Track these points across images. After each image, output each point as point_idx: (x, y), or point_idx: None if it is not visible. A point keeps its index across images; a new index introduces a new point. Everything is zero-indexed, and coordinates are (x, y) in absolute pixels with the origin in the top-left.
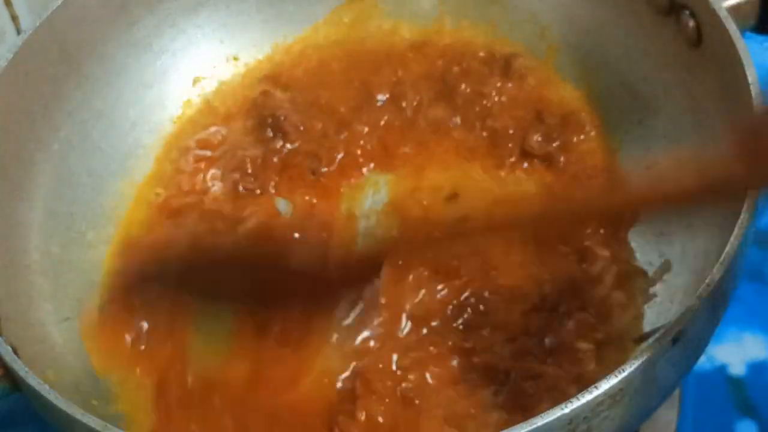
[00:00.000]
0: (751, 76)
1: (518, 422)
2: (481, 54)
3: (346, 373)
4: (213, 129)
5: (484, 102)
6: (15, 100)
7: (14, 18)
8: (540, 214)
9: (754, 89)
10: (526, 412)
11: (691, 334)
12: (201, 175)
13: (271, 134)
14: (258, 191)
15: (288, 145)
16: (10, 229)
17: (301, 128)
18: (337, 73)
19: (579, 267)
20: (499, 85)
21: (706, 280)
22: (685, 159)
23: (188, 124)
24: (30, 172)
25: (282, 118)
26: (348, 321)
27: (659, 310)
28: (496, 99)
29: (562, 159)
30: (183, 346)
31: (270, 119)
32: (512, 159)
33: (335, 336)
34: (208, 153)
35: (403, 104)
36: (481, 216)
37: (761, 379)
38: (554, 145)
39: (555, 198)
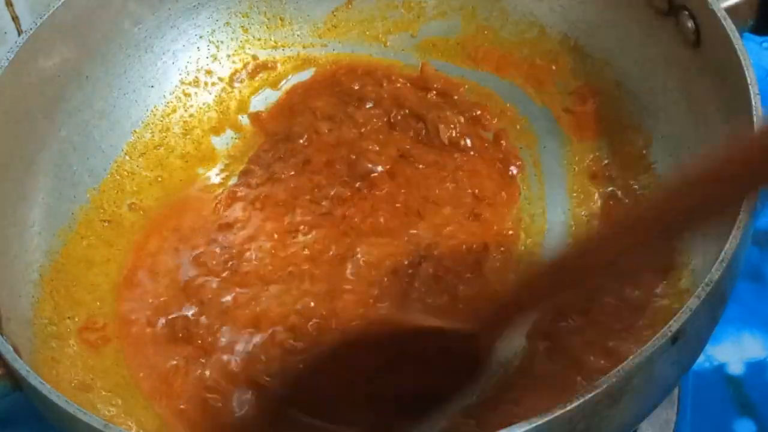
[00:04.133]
0: (750, 76)
1: None
2: None
3: None
4: None
5: None
6: (16, 100)
7: (15, 18)
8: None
9: (752, 90)
10: None
11: (689, 333)
12: None
13: None
14: None
15: None
16: (10, 229)
17: None
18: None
19: None
20: None
21: (705, 280)
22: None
23: None
24: (31, 172)
25: None
26: None
27: (657, 309)
28: None
29: None
30: None
31: None
32: None
33: None
34: None
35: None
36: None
37: (760, 378)
38: None
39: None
